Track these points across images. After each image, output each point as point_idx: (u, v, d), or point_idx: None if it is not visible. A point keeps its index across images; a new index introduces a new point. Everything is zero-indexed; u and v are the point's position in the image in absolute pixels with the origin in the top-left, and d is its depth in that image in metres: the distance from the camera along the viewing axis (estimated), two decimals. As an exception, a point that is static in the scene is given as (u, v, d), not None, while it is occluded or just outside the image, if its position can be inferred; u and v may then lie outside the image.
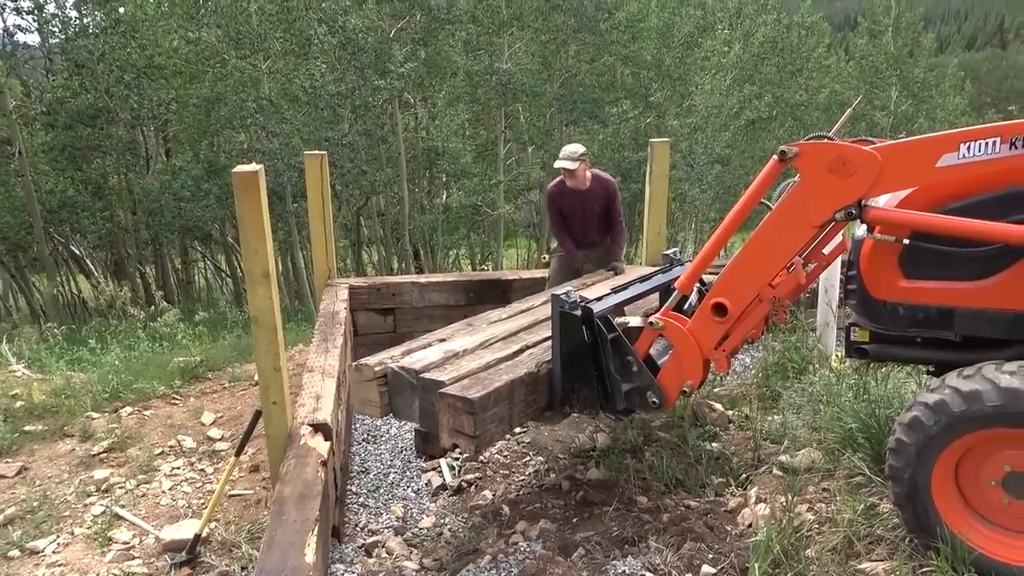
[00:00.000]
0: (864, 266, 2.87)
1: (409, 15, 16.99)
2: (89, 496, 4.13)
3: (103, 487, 4.21)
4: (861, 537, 2.80)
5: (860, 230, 2.91)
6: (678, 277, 3.65)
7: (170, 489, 4.21)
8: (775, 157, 2.79)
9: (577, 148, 4.93)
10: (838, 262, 4.14)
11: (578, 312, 3.24)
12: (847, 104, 22.41)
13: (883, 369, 3.82)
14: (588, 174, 4.98)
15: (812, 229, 2.83)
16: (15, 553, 3.62)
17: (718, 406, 4.43)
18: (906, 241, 2.71)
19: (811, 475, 3.34)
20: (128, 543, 3.69)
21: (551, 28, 19.22)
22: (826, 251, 3.13)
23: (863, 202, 2.72)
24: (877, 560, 2.70)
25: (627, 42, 20.06)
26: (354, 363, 3.37)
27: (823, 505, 3.11)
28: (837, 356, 4.50)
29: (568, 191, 5.00)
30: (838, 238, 3.14)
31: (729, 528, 3.26)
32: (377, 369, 3.30)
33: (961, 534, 2.48)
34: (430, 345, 3.60)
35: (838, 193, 2.70)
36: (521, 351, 3.52)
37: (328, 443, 3.40)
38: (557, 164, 4.92)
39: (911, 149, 2.62)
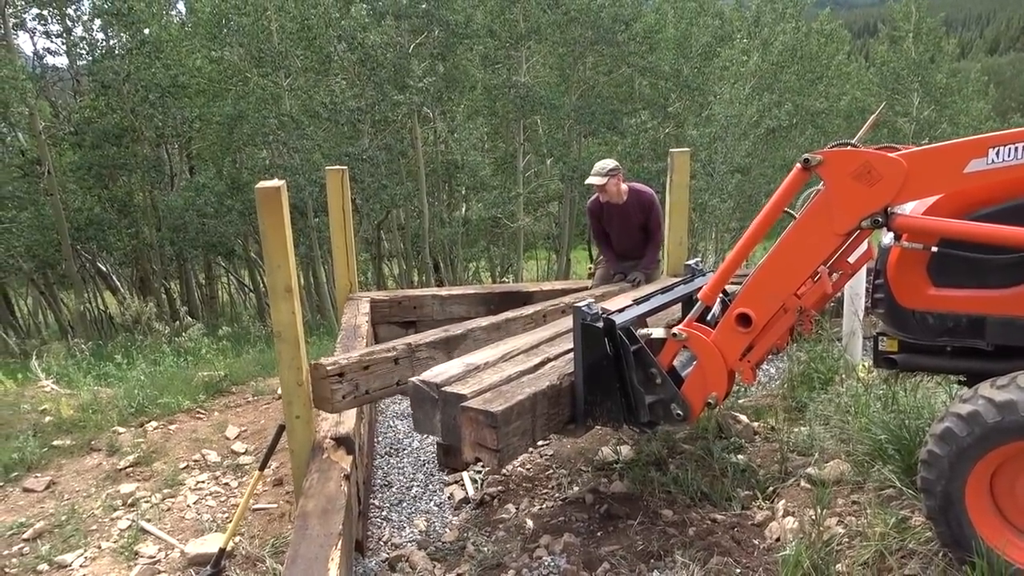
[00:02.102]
0: (892, 275, 2.82)
1: (427, 30, 17.15)
2: (115, 510, 4.17)
3: (129, 501, 4.25)
4: (893, 551, 2.74)
5: (887, 238, 2.86)
6: (701, 287, 3.63)
7: (195, 503, 4.23)
8: (798, 165, 2.76)
9: (607, 163, 5.03)
10: (863, 271, 4.09)
11: (600, 324, 3.21)
12: (868, 111, 22.26)
13: (912, 379, 3.75)
14: (624, 187, 5.06)
15: (837, 238, 2.79)
16: (44, 567, 3.65)
17: (743, 418, 4.37)
18: (935, 249, 2.66)
19: (840, 488, 3.28)
20: (154, 557, 3.71)
21: (568, 41, 19.30)
22: (852, 260, 3.07)
23: (889, 210, 2.67)
24: (910, 575, 2.64)
25: (645, 53, 20.09)
26: (313, 361, 3.45)
27: (853, 518, 3.05)
28: (864, 366, 4.43)
29: (607, 205, 5.11)
30: (864, 246, 3.09)
31: (757, 542, 3.21)
32: (330, 368, 3.39)
33: (997, 548, 2.42)
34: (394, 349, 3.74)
35: (864, 201, 2.66)
36: (543, 363, 3.50)
37: (351, 457, 3.40)
38: (588, 181, 5.02)
39: (938, 155, 2.58)
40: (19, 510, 4.21)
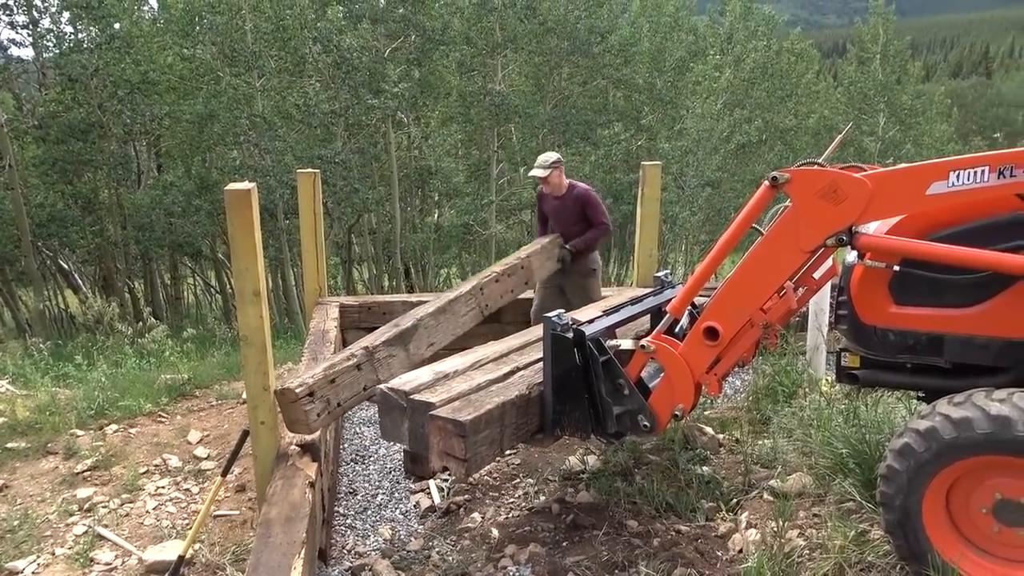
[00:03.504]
0: (855, 292, 2.89)
1: (404, 35, 17.11)
2: (72, 515, 4.07)
3: (86, 506, 4.15)
4: (852, 564, 2.79)
5: (851, 256, 2.92)
6: (669, 299, 3.67)
7: (154, 509, 4.15)
8: (766, 183, 2.81)
9: (550, 156, 5.33)
10: (828, 286, 4.16)
11: (570, 334, 3.23)
12: (836, 129, 22.72)
13: (873, 394, 3.82)
14: (565, 182, 5.36)
15: (803, 255, 2.84)
16: (-6, 574, 3.55)
17: (708, 429, 4.42)
18: (896, 268, 2.73)
19: (802, 500, 3.33)
20: (110, 564, 3.63)
21: (544, 51, 19.41)
22: (816, 276, 3.15)
23: (854, 229, 2.74)
24: (868, 587, 2.68)
25: (619, 65, 20.28)
26: (277, 388, 3.36)
27: (814, 531, 3.10)
28: (827, 380, 4.51)
29: (549, 195, 5.46)
30: (828, 263, 3.16)
31: (720, 553, 3.24)
32: (299, 391, 3.32)
33: (952, 562, 2.47)
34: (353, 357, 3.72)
35: (829, 219, 2.72)
36: (512, 372, 3.51)
37: (316, 464, 3.37)
38: (531, 172, 5.35)
39: (901, 176, 2.65)
40: (-31, 514, 4.09)
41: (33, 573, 3.56)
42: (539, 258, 5.41)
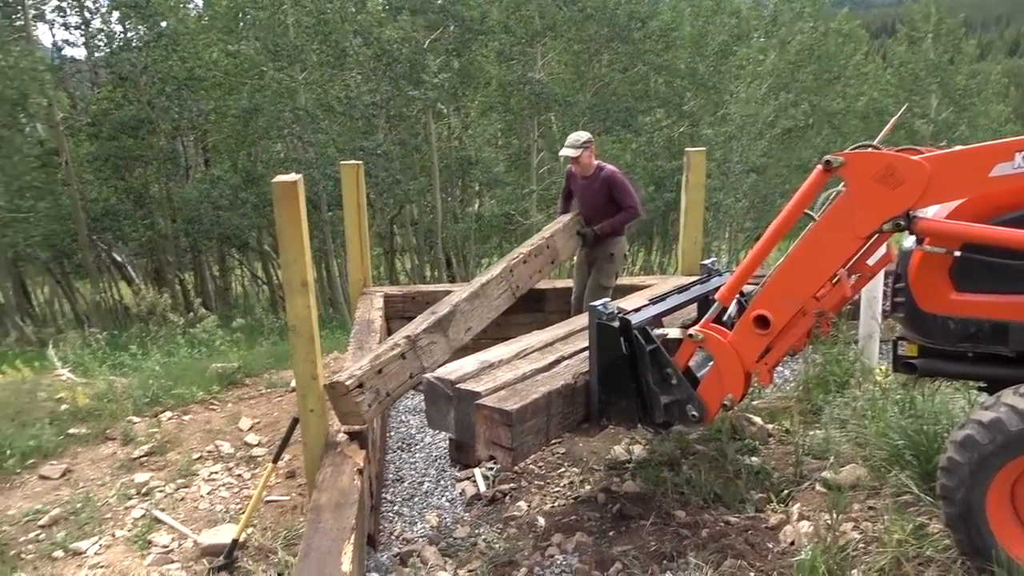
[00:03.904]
0: (913, 278, 2.79)
1: (443, 26, 17.14)
2: (130, 499, 4.20)
3: (143, 490, 4.28)
4: (910, 558, 2.71)
5: (908, 241, 2.83)
6: (717, 288, 3.60)
7: (208, 494, 4.26)
8: (820, 167, 2.73)
9: (581, 136, 5.22)
10: (881, 273, 4.04)
11: (616, 323, 3.20)
12: (885, 112, 22.05)
13: (930, 384, 3.71)
14: (594, 162, 5.26)
15: (858, 240, 2.76)
16: (59, 554, 3.69)
17: (757, 419, 4.34)
18: (958, 253, 2.63)
19: (856, 493, 3.25)
20: (167, 547, 3.74)
21: (584, 38, 19.22)
22: (871, 262, 3.05)
23: (912, 213, 2.65)
24: (927, 582, 2.61)
25: (660, 51, 19.98)
26: (326, 383, 3.40)
27: (869, 524, 3.02)
28: (881, 370, 4.39)
29: (578, 175, 5.36)
30: (883, 249, 3.06)
31: (771, 545, 3.19)
32: (349, 383, 3.35)
33: (1018, 558, 2.39)
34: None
35: (886, 204, 2.63)
36: (557, 362, 3.50)
37: (364, 451, 3.41)
38: (561, 152, 5.24)
39: (963, 158, 2.55)
40: (35, 497, 4.25)
41: (96, 554, 3.69)
42: (562, 236, 5.44)
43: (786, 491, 3.56)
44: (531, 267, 5.18)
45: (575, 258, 5.79)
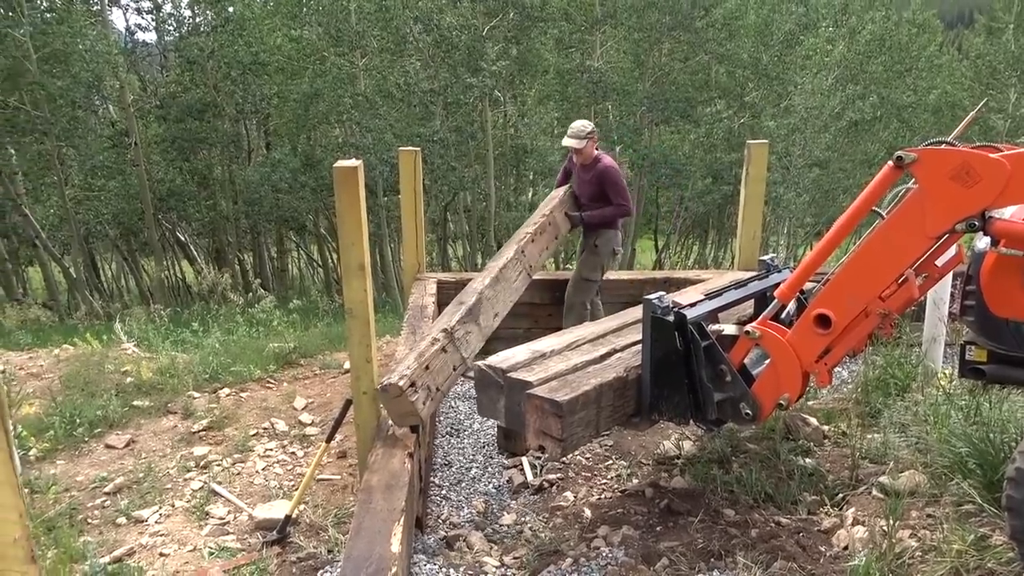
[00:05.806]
0: (985, 281, 2.68)
1: (502, 13, 17.09)
2: (189, 471, 4.36)
3: (202, 463, 4.43)
4: (971, 569, 2.62)
5: (981, 243, 2.71)
6: (775, 284, 3.52)
7: (263, 469, 4.38)
8: (890, 163, 2.64)
9: (586, 125, 5.12)
10: (949, 275, 3.89)
11: (671, 317, 3.16)
12: (959, 106, 21.13)
13: (997, 392, 3.56)
14: (595, 153, 5.17)
15: (928, 240, 2.66)
16: (122, 520, 3.86)
17: (812, 420, 4.24)
18: (1036, 256, 2.51)
19: (915, 500, 3.15)
20: (223, 519, 3.87)
21: (645, 26, 18.91)
22: (939, 263, 2.93)
23: (987, 213, 2.53)
24: (988, 596, 2.52)
25: (723, 40, 19.50)
26: (379, 386, 3.39)
27: (928, 532, 2.93)
28: (945, 374, 4.23)
29: (577, 162, 5.28)
30: (953, 250, 2.94)
31: (823, 549, 3.12)
32: (401, 383, 3.31)
33: (1088, 576, 2.29)
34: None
35: (960, 203, 2.52)
36: (609, 354, 3.47)
37: (414, 435, 3.46)
38: (564, 142, 5.15)
39: (1047, 157, 2.43)
40: (101, 465, 4.45)
41: (156, 522, 3.84)
42: (559, 211, 5.43)
43: (840, 495, 3.47)
44: (539, 245, 5.20)
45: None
